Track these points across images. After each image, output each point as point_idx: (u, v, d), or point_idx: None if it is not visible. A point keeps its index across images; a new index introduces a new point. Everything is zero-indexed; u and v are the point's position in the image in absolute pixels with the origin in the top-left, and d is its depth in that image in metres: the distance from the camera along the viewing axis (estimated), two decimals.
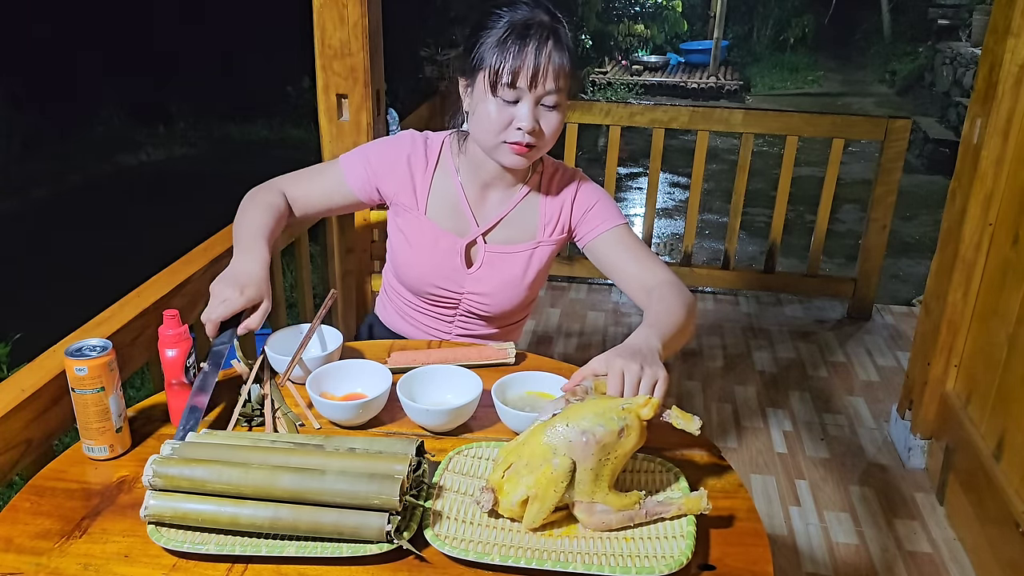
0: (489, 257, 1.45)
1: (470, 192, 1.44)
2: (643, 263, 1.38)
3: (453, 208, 1.44)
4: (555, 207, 1.45)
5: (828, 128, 3.37)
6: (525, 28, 1.25)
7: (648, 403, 0.95)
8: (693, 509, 0.93)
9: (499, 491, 0.94)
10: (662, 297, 1.28)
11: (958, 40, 9.84)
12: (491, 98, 1.27)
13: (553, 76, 1.25)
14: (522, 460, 0.93)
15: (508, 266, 1.45)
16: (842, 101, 11.13)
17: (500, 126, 1.28)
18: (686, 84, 11.92)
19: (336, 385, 1.21)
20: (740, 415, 2.77)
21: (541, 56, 1.24)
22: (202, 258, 1.67)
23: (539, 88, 1.25)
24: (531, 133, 1.27)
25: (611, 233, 1.42)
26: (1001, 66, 2.04)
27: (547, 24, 1.26)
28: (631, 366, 1.02)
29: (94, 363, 1.05)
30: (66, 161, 7.78)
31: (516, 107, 1.27)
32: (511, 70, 1.24)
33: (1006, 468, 1.97)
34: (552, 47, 1.25)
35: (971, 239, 2.20)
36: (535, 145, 1.29)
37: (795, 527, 2.21)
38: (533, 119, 1.27)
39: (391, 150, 1.45)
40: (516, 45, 1.24)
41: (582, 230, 1.45)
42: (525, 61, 1.23)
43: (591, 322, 3.42)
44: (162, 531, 0.92)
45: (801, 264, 4.33)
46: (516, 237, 1.45)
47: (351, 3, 2.15)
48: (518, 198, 1.44)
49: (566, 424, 0.93)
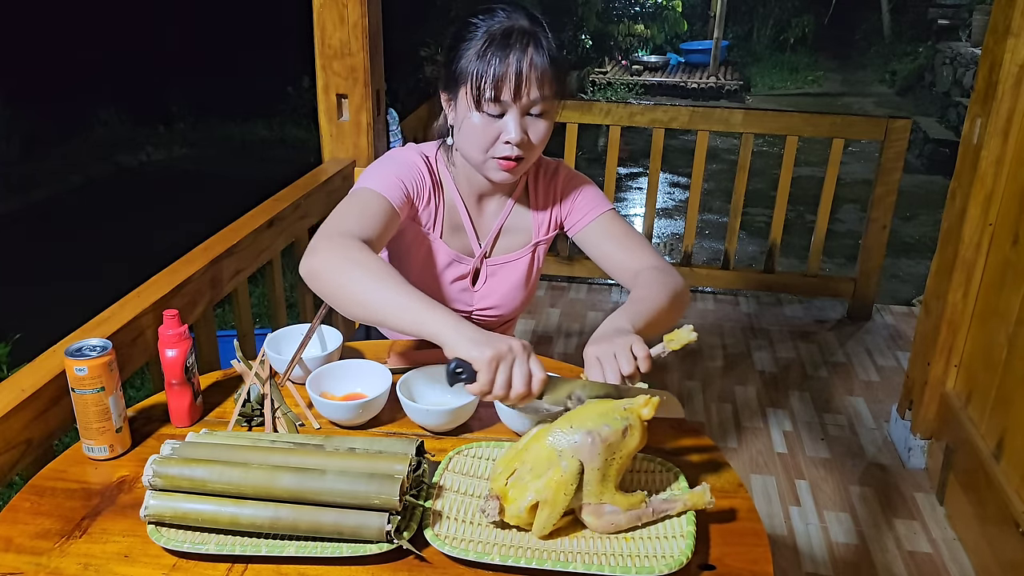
0: (492, 270, 1.44)
1: (469, 205, 1.41)
2: (630, 249, 1.37)
3: (457, 226, 1.41)
4: (546, 204, 1.44)
5: (828, 128, 3.37)
6: (504, 37, 1.19)
7: (648, 403, 0.95)
8: (697, 504, 0.94)
9: (504, 499, 0.92)
10: (645, 282, 1.27)
11: (958, 40, 9.84)
12: (475, 113, 1.22)
13: (537, 84, 1.20)
14: (526, 466, 0.92)
15: (512, 273, 1.45)
16: (842, 101, 11.13)
17: (487, 142, 1.24)
18: (686, 84, 11.91)
19: (336, 385, 1.21)
20: (740, 415, 2.77)
21: (523, 65, 1.18)
22: (202, 258, 1.66)
23: (524, 99, 1.20)
24: (520, 145, 1.23)
25: (598, 221, 1.40)
26: (1001, 66, 2.04)
27: (527, 30, 1.21)
28: (602, 349, 1.04)
29: (94, 363, 1.05)
30: (66, 161, 7.78)
31: (502, 120, 1.22)
32: (493, 83, 1.18)
33: (1006, 468, 1.97)
34: (533, 54, 1.19)
35: (971, 239, 2.20)
36: (524, 157, 1.25)
37: (795, 527, 2.21)
38: (521, 131, 1.22)
39: (412, 170, 1.34)
40: (496, 57, 1.18)
41: (571, 220, 1.44)
42: (507, 73, 1.18)
43: (591, 322, 3.42)
44: (162, 531, 0.92)
45: (801, 264, 4.33)
46: (515, 243, 1.45)
47: (351, 3, 2.15)
48: (510, 206, 1.43)
49: (570, 426, 0.93)
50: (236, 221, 1.87)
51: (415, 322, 1.03)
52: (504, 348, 0.98)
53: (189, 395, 1.16)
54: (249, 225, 1.85)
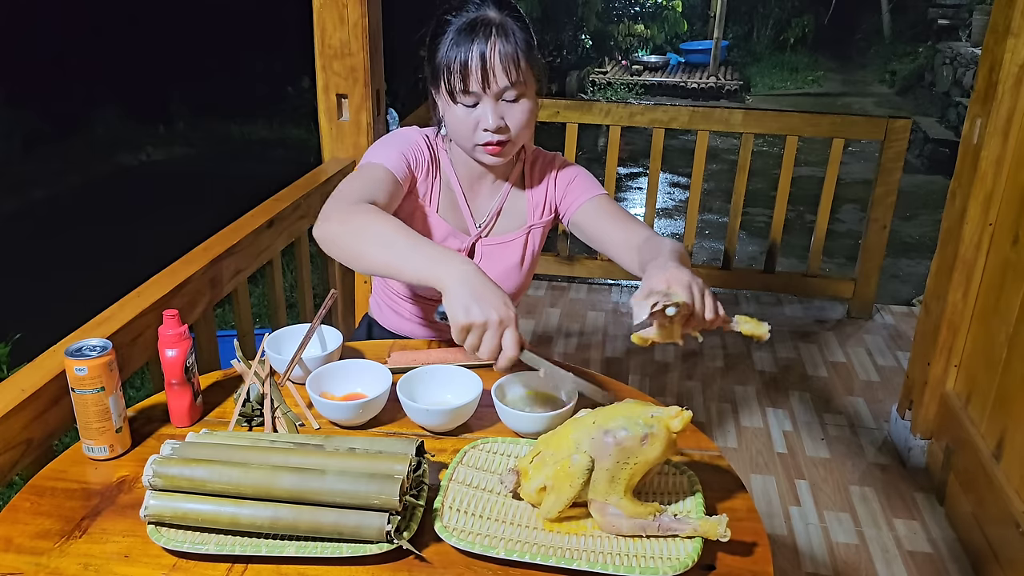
0: (488, 251, 1.47)
1: (466, 187, 1.46)
2: (627, 227, 1.37)
3: (453, 204, 1.46)
4: (540, 189, 1.48)
5: (828, 128, 3.37)
6: (469, 30, 1.24)
7: (679, 415, 0.93)
8: (709, 533, 0.89)
9: (524, 475, 0.96)
10: (651, 247, 1.27)
11: (958, 40, 9.83)
12: (453, 105, 1.28)
13: (503, 71, 1.24)
14: (550, 450, 0.95)
15: (506, 255, 1.47)
16: (842, 101, 11.13)
17: (469, 130, 1.30)
18: (686, 84, 11.92)
19: (336, 385, 1.21)
20: (740, 415, 2.77)
21: (487, 54, 1.23)
22: (202, 258, 1.66)
23: (493, 86, 1.25)
24: (499, 131, 1.28)
25: (592, 203, 1.43)
26: (1001, 66, 2.04)
27: (492, 20, 1.25)
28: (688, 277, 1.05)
29: (94, 363, 1.05)
30: (66, 161, 7.78)
31: (478, 109, 1.28)
32: (461, 75, 1.24)
33: (1006, 468, 1.96)
34: (497, 42, 1.24)
35: (971, 239, 2.20)
36: (507, 141, 1.30)
37: (795, 527, 2.21)
38: (496, 118, 1.27)
39: (412, 144, 1.41)
40: (461, 48, 1.24)
41: (565, 204, 1.47)
42: (471, 63, 1.23)
43: (591, 322, 3.42)
44: (162, 531, 0.92)
45: (801, 264, 4.33)
46: (510, 226, 1.48)
47: (351, 3, 2.15)
48: (506, 189, 1.47)
49: (593, 422, 0.94)
50: (236, 221, 1.87)
51: (425, 276, 1.10)
52: (480, 320, 1.04)
53: (189, 395, 1.16)
54: (249, 225, 1.85)
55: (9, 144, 7.76)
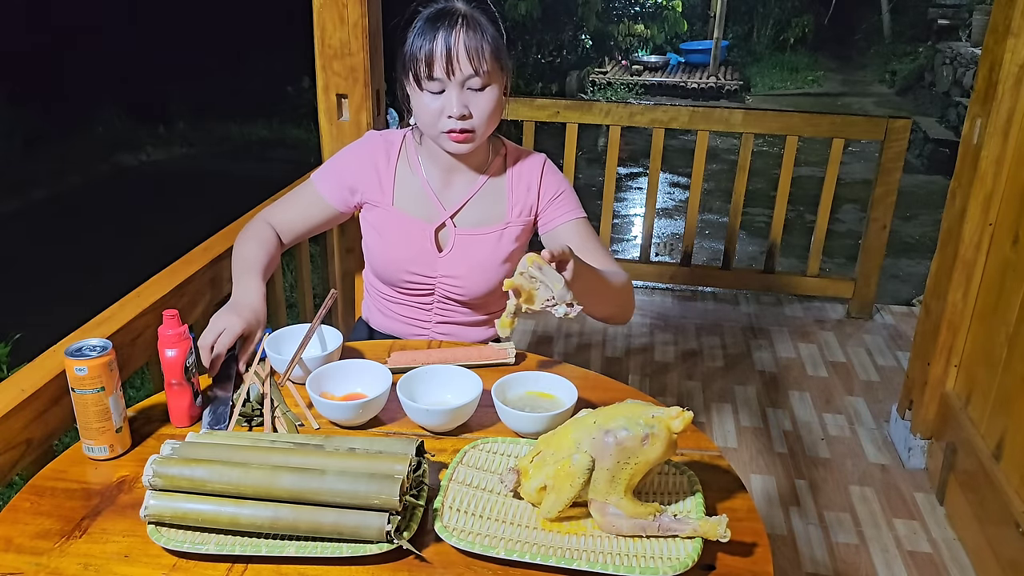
0: (460, 240, 1.47)
1: (433, 180, 1.48)
2: (595, 254, 1.42)
3: (419, 197, 1.48)
4: (522, 188, 1.49)
5: (828, 128, 3.37)
6: (437, 19, 1.30)
7: (680, 415, 0.93)
8: (709, 534, 0.89)
9: (524, 475, 0.97)
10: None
11: (958, 40, 9.83)
12: (419, 92, 1.33)
13: (467, 59, 1.29)
14: (550, 449, 0.96)
15: (479, 248, 1.48)
16: (842, 101, 11.12)
17: (434, 117, 1.33)
18: (686, 84, 11.91)
19: (336, 385, 1.21)
20: (740, 415, 2.77)
21: (451, 42, 1.28)
22: (202, 258, 1.66)
23: (457, 73, 1.29)
24: (463, 118, 1.32)
25: (572, 224, 1.48)
26: (1001, 66, 2.04)
27: (459, 11, 1.31)
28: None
29: (94, 363, 1.05)
30: (66, 161, 7.78)
31: (444, 96, 1.31)
32: (426, 61, 1.29)
33: (1006, 468, 1.96)
34: (463, 31, 1.29)
35: (971, 239, 2.20)
36: (471, 129, 1.33)
37: (795, 527, 2.21)
38: (460, 105, 1.31)
39: (353, 153, 1.51)
40: (426, 37, 1.29)
41: (546, 216, 1.50)
42: (436, 50, 1.28)
43: (591, 322, 3.42)
44: (162, 531, 0.92)
45: (801, 264, 4.33)
46: (485, 220, 1.49)
47: (351, 3, 2.15)
48: (482, 181, 1.48)
49: (594, 422, 0.94)
50: (236, 221, 1.87)
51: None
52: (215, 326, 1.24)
53: (189, 395, 1.16)
54: None
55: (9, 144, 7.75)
